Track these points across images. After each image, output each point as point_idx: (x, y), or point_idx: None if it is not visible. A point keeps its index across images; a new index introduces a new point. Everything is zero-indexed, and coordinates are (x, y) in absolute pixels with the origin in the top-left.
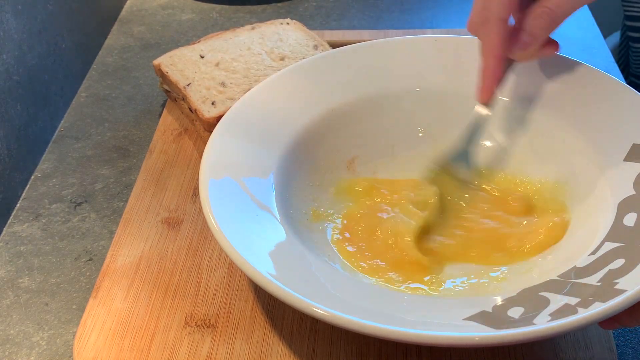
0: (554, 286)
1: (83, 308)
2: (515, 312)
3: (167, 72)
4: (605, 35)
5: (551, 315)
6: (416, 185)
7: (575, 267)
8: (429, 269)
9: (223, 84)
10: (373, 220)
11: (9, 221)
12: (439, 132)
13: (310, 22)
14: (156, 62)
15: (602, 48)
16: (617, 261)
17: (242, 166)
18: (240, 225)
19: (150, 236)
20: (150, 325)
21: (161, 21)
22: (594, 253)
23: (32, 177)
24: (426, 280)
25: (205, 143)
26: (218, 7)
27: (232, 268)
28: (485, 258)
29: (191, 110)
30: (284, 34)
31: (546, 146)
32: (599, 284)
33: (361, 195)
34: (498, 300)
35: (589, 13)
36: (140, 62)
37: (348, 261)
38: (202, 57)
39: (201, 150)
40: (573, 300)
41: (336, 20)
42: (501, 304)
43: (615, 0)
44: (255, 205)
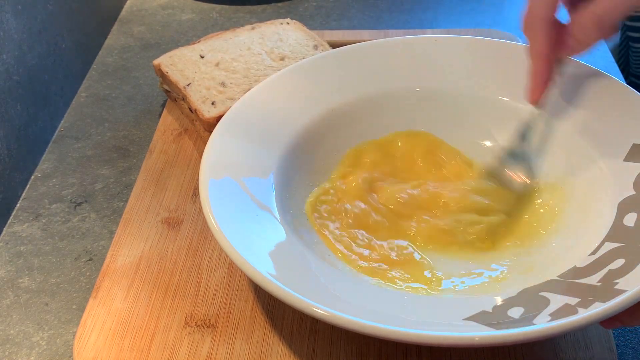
0: (554, 286)
1: (83, 308)
2: (515, 312)
3: (167, 72)
4: None
5: (551, 315)
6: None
7: (575, 267)
8: (426, 265)
9: (223, 84)
10: (371, 219)
11: (9, 221)
12: (439, 132)
13: (310, 22)
14: (156, 62)
15: (602, 48)
16: (617, 261)
17: (242, 166)
18: (240, 225)
19: (150, 236)
20: (150, 325)
21: (161, 21)
22: (594, 253)
23: (32, 177)
24: (427, 277)
25: (205, 143)
26: (218, 7)
27: (232, 268)
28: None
29: (191, 110)
30: (284, 34)
31: (546, 146)
32: (599, 284)
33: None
34: (498, 300)
35: None
36: (140, 62)
37: (347, 261)
38: (202, 57)
39: (201, 150)
40: (573, 300)
41: (336, 20)
42: (501, 304)
43: None
44: (255, 205)
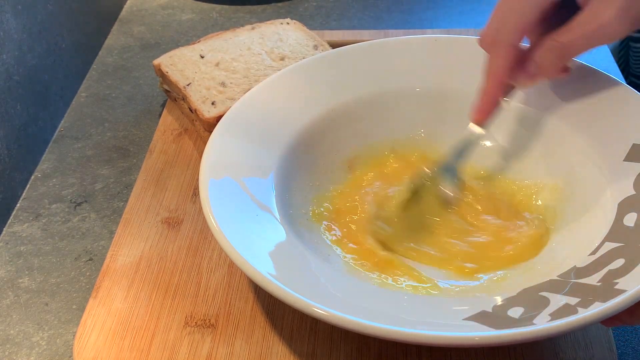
0: (554, 286)
1: (83, 308)
2: (515, 312)
3: (167, 72)
4: None
5: (551, 315)
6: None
7: (575, 267)
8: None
9: (223, 84)
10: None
11: (9, 221)
12: (439, 132)
13: (310, 22)
14: (156, 62)
15: (602, 48)
16: (617, 261)
17: (242, 166)
18: (240, 225)
19: (150, 236)
20: (150, 325)
21: (161, 21)
22: (594, 253)
23: (32, 177)
24: (427, 277)
25: (205, 143)
26: (218, 7)
27: (232, 268)
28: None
29: (191, 110)
30: (284, 34)
31: (545, 146)
32: (599, 284)
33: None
34: (498, 300)
35: None
36: (140, 62)
37: (347, 261)
38: (202, 57)
39: (201, 150)
40: (573, 300)
41: (336, 20)
42: (501, 304)
43: None
44: (255, 205)
